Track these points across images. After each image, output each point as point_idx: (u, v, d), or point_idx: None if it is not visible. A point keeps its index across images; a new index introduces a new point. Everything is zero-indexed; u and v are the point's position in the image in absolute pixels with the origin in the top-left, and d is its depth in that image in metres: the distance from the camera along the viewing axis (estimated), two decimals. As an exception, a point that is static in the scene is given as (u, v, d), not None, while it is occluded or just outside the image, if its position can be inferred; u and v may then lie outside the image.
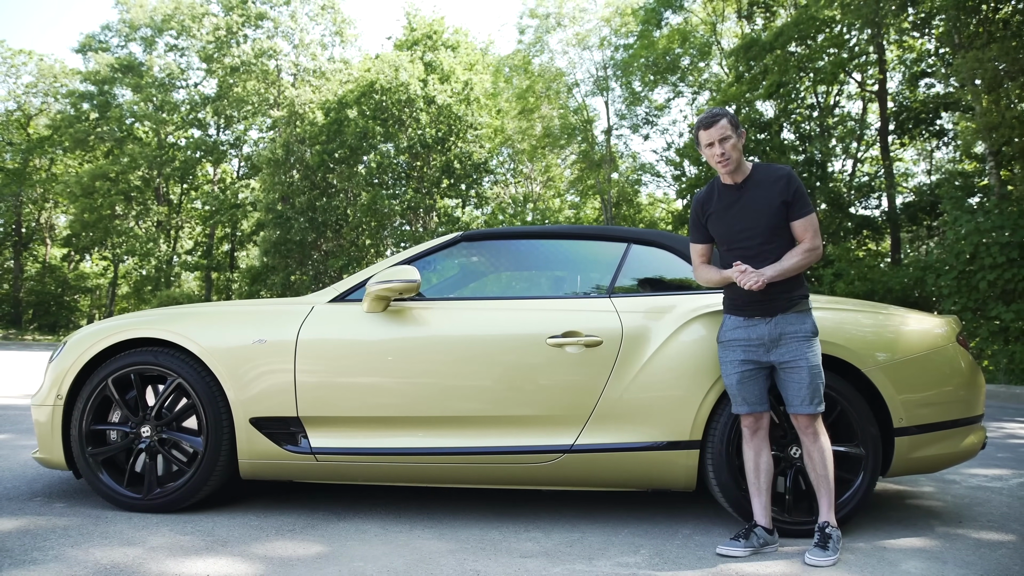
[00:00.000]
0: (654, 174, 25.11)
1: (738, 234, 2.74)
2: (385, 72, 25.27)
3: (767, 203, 2.69)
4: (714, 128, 2.69)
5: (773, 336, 2.67)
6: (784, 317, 2.67)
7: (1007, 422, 6.96)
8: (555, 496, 3.50)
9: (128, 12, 33.17)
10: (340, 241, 27.10)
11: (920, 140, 19.75)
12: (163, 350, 3.06)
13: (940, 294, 12.50)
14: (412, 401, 2.96)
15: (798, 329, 2.66)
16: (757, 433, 2.72)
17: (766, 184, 2.71)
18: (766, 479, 2.71)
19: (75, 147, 33.00)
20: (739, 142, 2.71)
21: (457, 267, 3.84)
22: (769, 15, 20.56)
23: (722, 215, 2.78)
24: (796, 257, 2.64)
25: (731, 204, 2.76)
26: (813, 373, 2.64)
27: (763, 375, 2.73)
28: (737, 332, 2.74)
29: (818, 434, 2.66)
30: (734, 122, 2.71)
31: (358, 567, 2.41)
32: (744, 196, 2.74)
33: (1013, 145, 12.48)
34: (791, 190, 2.67)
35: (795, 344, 2.65)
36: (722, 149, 2.69)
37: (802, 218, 2.68)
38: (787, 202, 2.67)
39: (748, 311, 2.72)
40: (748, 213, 2.72)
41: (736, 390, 2.73)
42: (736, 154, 2.71)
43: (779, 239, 2.70)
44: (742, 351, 2.72)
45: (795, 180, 2.69)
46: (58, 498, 3.22)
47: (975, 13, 13.13)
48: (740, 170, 2.75)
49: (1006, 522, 3.15)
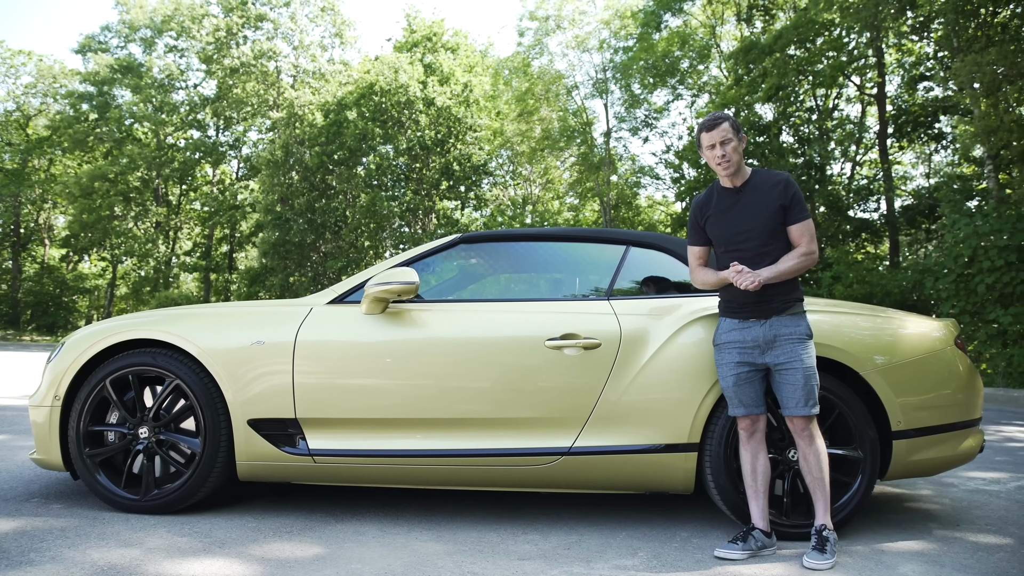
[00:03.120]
0: (653, 176, 25.14)
1: (736, 236, 2.77)
2: (385, 74, 25.27)
3: (765, 207, 2.73)
4: (716, 130, 2.74)
5: (768, 338, 2.69)
6: (779, 319, 2.70)
7: (1005, 425, 6.96)
8: (553, 498, 3.50)
9: (128, 13, 33.17)
10: (339, 243, 27.09)
11: (919, 143, 19.78)
12: (161, 351, 3.06)
13: (938, 297, 12.50)
14: (410, 403, 2.96)
15: (792, 331, 2.68)
16: (754, 436, 2.73)
17: (765, 188, 2.75)
18: (763, 482, 2.72)
19: (74, 148, 32.97)
20: (740, 145, 2.75)
21: (456, 269, 3.84)
22: (768, 18, 20.59)
23: (720, 217, 2.81)
24: (792, 261, 2.68)
25: (730, 207, 2.79)
26: (807, 375, 2.65)
27: (759, 377, 2.74)
28: (732, 334, 2.75)
29: (813, 437, 2.67)
30: (735, 126, 2.75)
31: (356, 569, 2.41)
32: (743, 199, 2.77)
33: (1011, 149, 12.50)
34: (789, 195, 2.71)
35: (789, 346, 2.67)
36: (723, 151, 2.73)
37: (799, 223, 2.72)
38: (784, 206, 2.71)
39: (743, 313, 2.74)
40: (746, 216, 2.75)
41: (732, 392, 2.74)
42: (736, 156, 2.75)
43: (776, 242, 2.73)
44: (737, 353, 2.73)
45: (793, 185, 2.74)
46: (55, 499, 3.22)
47: (974, 17, 13.15)
48: (740, 173, 2.79)
49: (1004, 525, 3.15)
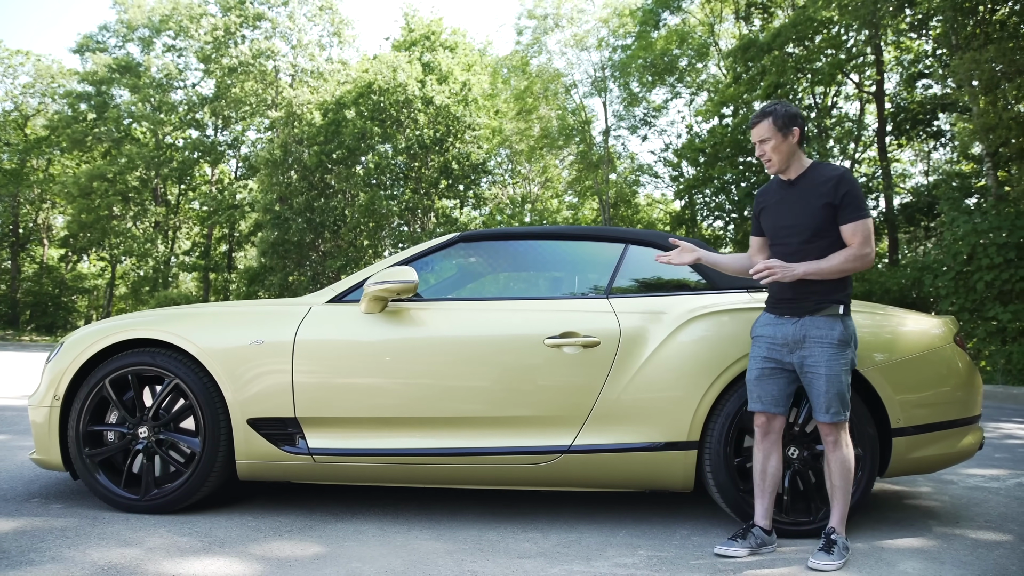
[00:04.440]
0: (652, 175, 25.15)
1: (781, 230, 2.73)
2: (383, 73, 25.23)
3: (810, 203, 2.65)
4: (755, 129, 2.71)
5: (797, 337, 2.63)
6: (812, 320, 2.62)
7: (1004, 422, 6.97)
8: (553, 497, 3.50)
9: (126, 12, 33.08)
10: (338, 242, 27.06)
11: (917, 141, 19.78)
12: (160, 351, 3.05)
13: (937, 295, 12.51)
14: (410, 402, 2.96)
15: (824, 334, 2.59)
16: (768, 436, 2.70)
17: (816, 184, 2.67)
18: (772, 483, 2.71)
19: (72, 147, 32.90)
20: (782, 143, 2.67)
21: (455, 268, 3.84)
22: (767, 16, 20.59)
23: (772, 210, 2.78)
24: (837, 259, 2.57)
25: (781, 200, 2.76)
26: (830, 382, 2.56)
27: (785, 377, 2.68)
28: (766, 329, 2.73)
29: (838, 444, 2.62)
30: (779, 123, 2.66)
31: (356, 568, 2.41)
32: (793, 193, 2.72)
33: (1010, 146, 12.50)
34: (839, 193, 2.60)
35: (817, 349, 2.59)
36: (761, 150, 2.70)
37: (851, 222, 2.59)
38: (832, 204, 2.61)
39: (779, 309, 2.71)
40: (792, 211, 2.70)
41: (753, 385, 2.71)
42: (777, 156, 2.68)
43: (821, 240, 2.63)
44: (766, 348, 2.70)
45: (847, 183, 2.61)
46: (55, 499, 3.22)
47: (972, 14, 13.15)
48: (794, 167, 2.72)
49: (1003, 522, 3.16)
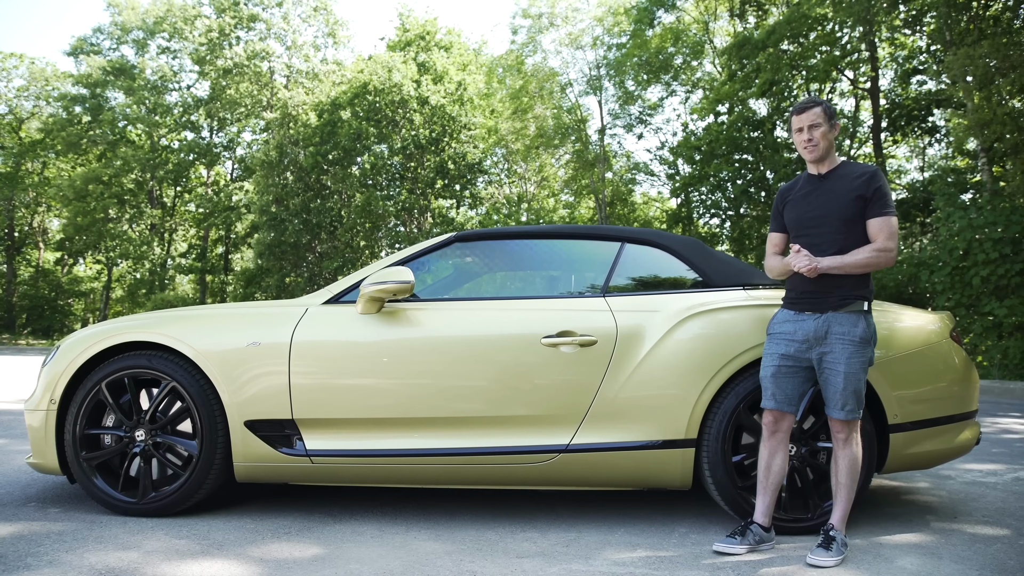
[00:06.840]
0: (648, 173, 25.16)
1: (808, 222, 2.74)
2: (378, 73, 25.19)
3: (842, 195, 2.67)
4: (806, 114, 2.72)
5: (819, 334, 2.63)
6: (835, 315, 2.63)
7: (1001, 417, 6.99)
8: (551, 496, 3.50)
9: (120, 15, 32.97)
10: (334, 243, 27.03)
11: (912, 137, 19.82)
12: (157, 354, 3.05)
13: (934, 290, 12.54)
14: (407, 402, 2.96)
15: (847, 331, 2.60)
16: (775, 434, 2.70)
17: (848, 178, 2.70)
18: (775, 481, 2.71)
19: (67, 150, 32.80)
20: (830, 133, 2.72)
21: (451, 268, 3.84)
22: (761, 13, 20.60)
23: (799, 202, 2.79)
24: (862, 254, 2.60)
25: (810, 192, 2.77)
26: (848, 379, 2.58)
27: (801, 375, 2.68)
28: (784, 326, 2.72)
29: (848, 442, 2.63)
30: (828, 113, 2.71)
31: (354, 569, 2.41)
32: (824, 186, 2.74)
33: (1005, 141, 12.53)
34: (871, 187, 2.64)
35: (839, 346, 2.60)
36: (810, 135, 2.71)
37: (878, 217, 2.63)
38: (864, 197, 2.64)
39: (799, 304, 2.71)
40: (822, 202, 2.72)
41: (769, 383, 2.70)
42: (824, 143, 2.71)
43: (848, 234, 2.66)
44: (784, 345, 2.69)
45: (878, 179, 2.65)
46: (52, 503, 3.21)
47: (966, 10, 13.18)
48: (827, 161, 2.75)
49: (1001, 517, 3.16)
